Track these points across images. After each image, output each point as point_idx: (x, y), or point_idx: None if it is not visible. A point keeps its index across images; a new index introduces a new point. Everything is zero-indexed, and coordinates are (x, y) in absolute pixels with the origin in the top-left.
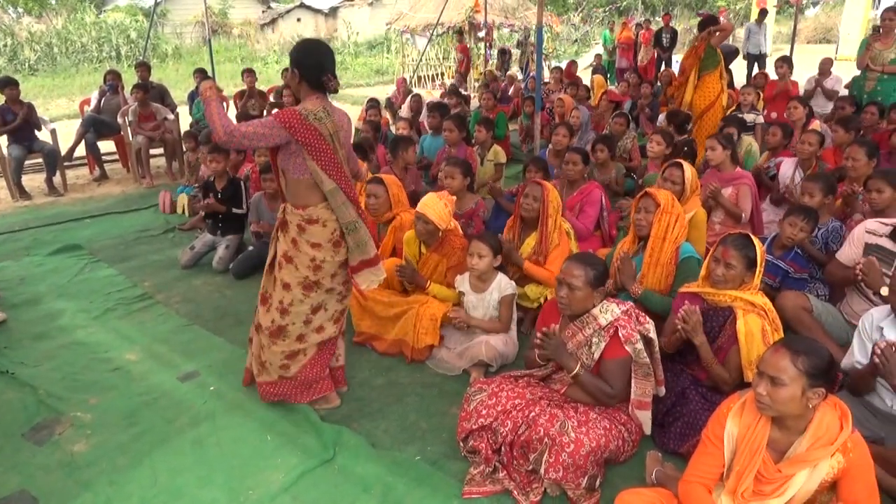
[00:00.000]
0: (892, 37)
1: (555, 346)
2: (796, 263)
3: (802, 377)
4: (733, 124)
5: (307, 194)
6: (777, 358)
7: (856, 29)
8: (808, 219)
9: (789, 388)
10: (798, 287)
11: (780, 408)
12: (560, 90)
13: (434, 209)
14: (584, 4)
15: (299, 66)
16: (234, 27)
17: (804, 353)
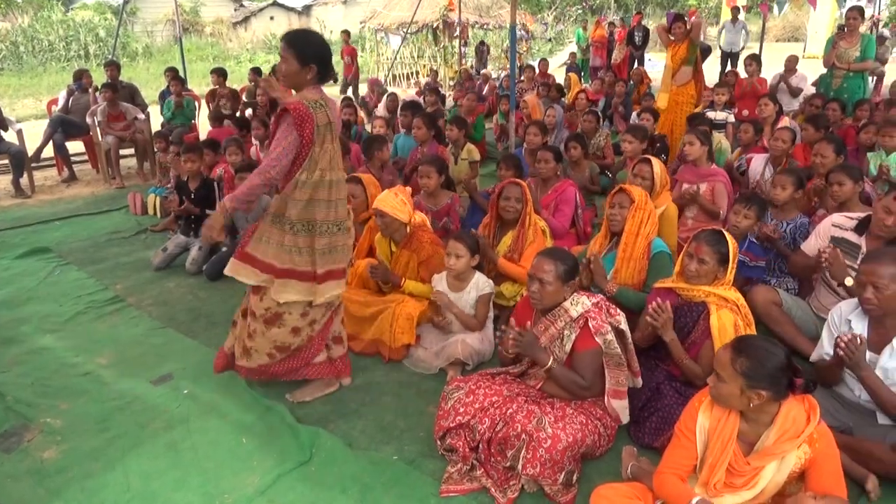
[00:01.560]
0: (857, 36)
1: (528, 343)
2: (751, 252)
3: (739, 378)
4: (700, 121)
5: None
6: (722, 355)
7: (823, 27)
8: (753, 207)
9: (728, 385)
10: (755, 275)
11: (723, 401)
12: (532, 88)
13: (388, 203)
14: (557, 3)
15: (319, 60)
16: (205, 25)
17: (744, 356)
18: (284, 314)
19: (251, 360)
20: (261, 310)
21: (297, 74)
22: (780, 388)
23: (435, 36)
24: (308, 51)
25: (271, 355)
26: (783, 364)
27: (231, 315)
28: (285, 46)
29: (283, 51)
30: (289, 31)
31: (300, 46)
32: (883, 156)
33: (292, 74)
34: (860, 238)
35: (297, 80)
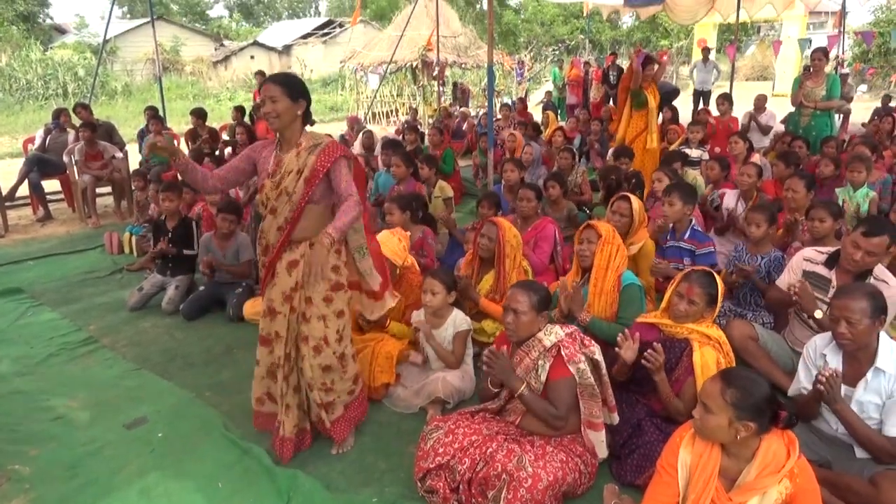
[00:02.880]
0: (822, 75)
1: (501, 367)
2: (695, 239)
3: (729, 408)
4: (676, 158)
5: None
6: (711, 386)
7: (790, 67)
8: (674, 194)
9: (717, 416)
10: (709, 262)
11: (709, 434)
12: (509, 126)
13: (389, 247)
14: (533, 43)
15: (307, 96)
16: (185, 64)
17: (734, 387)
18: (345, 350)
19: (336, 411)
20: (328, 360)
21: (288, 111)
22: (765, 420)
23: (414, 75)
24: (297, 87)
25: (351, 392)
26: (769, 396)
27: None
28: (272, 86)
29: (270, 90)
30: (273, 74)
31: (288, 83)
32: (850, 191)
33: (284, 111)
34: (830, 272)
35: (288, 118)
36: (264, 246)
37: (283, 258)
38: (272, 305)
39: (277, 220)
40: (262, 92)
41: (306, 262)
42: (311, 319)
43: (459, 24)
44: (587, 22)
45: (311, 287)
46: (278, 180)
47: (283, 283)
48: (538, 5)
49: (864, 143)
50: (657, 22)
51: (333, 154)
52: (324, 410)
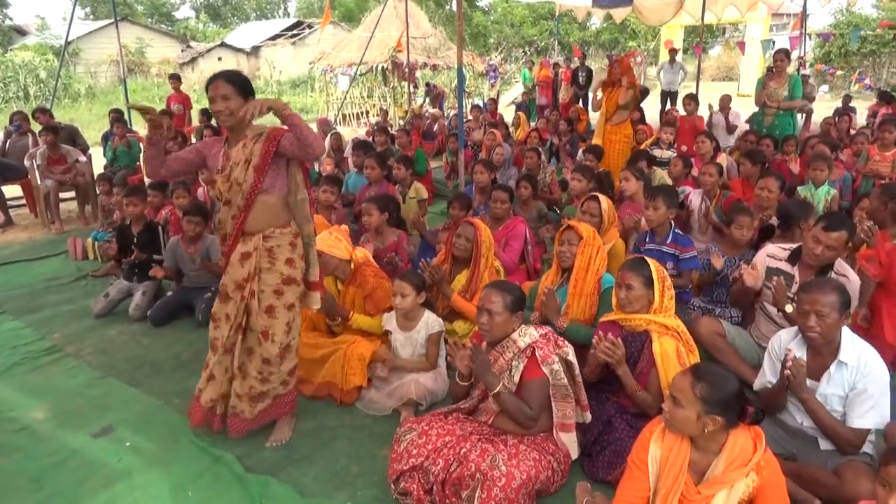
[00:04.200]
0: (784, 76)
1: (481, 361)
2: (677, 244)
3: (698, 403)
4: (643, 158)
5: (286, 211)
6: (681, 380)
7: (754, 68)
8: (658, 198)
9: (686, 410)
10: (692, 266)
11: (679, 427)
12: (480, 127)
13: (324, 242)
14: (504, 44)
15: (254, 95)
16: (151, 66)
17: (704, 381)
18: (291, 342)
19: (265, 402)
20: (274, 351)
21: (240, 109)
22: (733, 415)
23: (384, 76)
24: (246, 84)
25: (286, 383)
26: (737, 392)
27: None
28: (224, 84)
29: (222, 89)
30: (218, 72)
31: (239, 81)
32: (812, 189)
33: (237, 110)
34: (793, 268)
35: (240, 116)
36: (222, 236)
37: (236, 248)
38: (225, 290)
39: (231, 210)
40: (211, 90)
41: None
42: (260, 313)
43: (429, 26)
44: (556, 23)
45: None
46: (228, 173)
47: (235, 273)
48: (507, 6)
49: (824, 143)
50: (625, 24)
51: (277, 135)
52: (248, 401)
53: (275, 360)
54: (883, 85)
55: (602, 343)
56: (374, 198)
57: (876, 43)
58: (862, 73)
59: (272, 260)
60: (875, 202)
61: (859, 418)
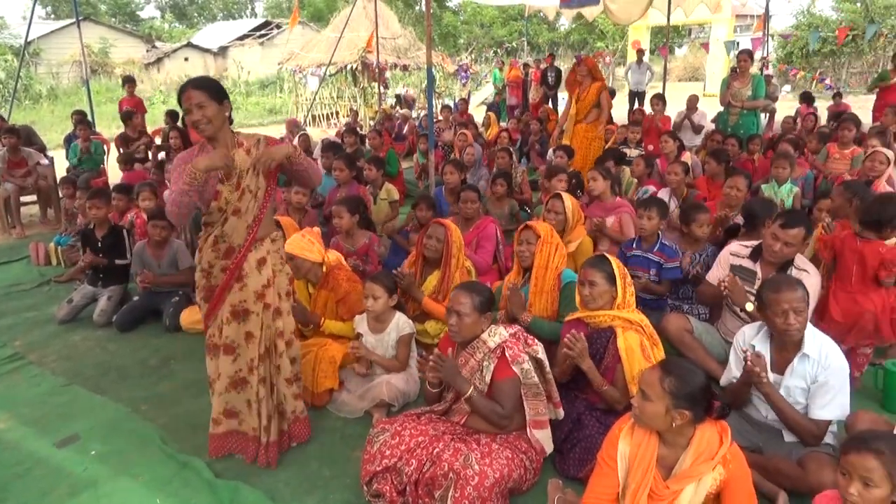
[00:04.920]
0: (748, 76)
1: (448, 369)
2: (664, 253)
3: (666, 397)
4: (610, 157)
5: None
6: (649, 374)
7: (719, 68)
8: (653, 208)
9: (654, 404)
10: (674, 276)
11: (648, 421)
12: (450, 128)
13: (296, 245)
14: (473, 45)
15: (228, 99)
16: (115, 66)
17: (672, 376)
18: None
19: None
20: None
21: (217, 114)
22: (700, 409)
23: (354, 77)
24: (219, 89)
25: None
26: (705, 386)
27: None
28: (197, 92)
29: (196, 97)
30: (188, 81)
31: (211, 87)
32: (775, 187)
33: (214, 116)
34: (755, 264)
35: (218, 122)
36: (226, 249)
37: (249, 258)
38: (244, 307)
39: (245, 220)
40: (185, 100)
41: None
42: (283, 314)
43: (399, 26)
44: (525, 24)
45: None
46: (236, 181)
47: (254, 282)
48: (477, 7)
49: (789, 141)
50: (593, 24)
51: (277, 142)
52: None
53: (297, 359)
54: (842, 85)
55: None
56: (344, 199)
57: (835, 43)
58: (822, 73)
59: (283, 262)
60: (838, 199)
61: (820, 409)
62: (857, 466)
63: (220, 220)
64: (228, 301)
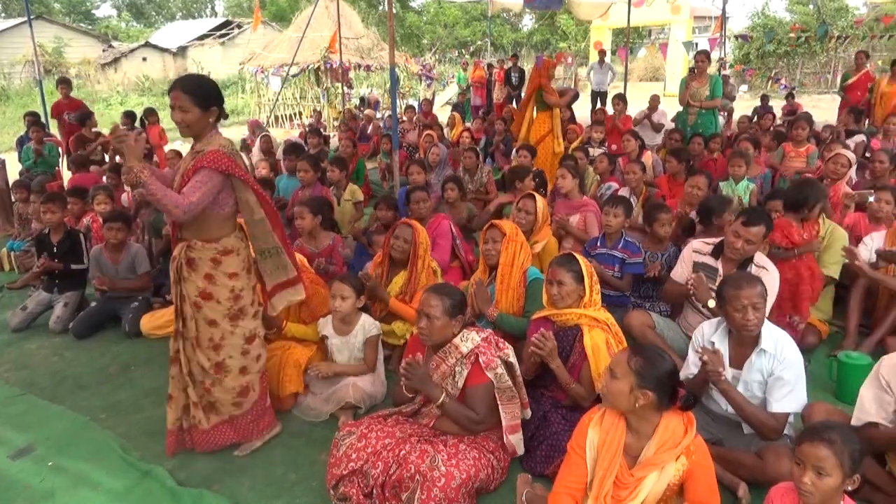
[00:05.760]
0: (705, 76)
1: (419, 376)
2: (628, 250)
3: (632, 375)
4: (575, 158)
5: (220, 227)
6: (620, 355)
7: (678, 69)
8: (619, 206)
9: (620, 381)
10: (636, 271)
11: (612, 400)
12: (413, 129)
13: None
14: (437, 45)
15: (220, 101)
16: (70, 67)
17: (640, 356)
18: (225, 360)
19: (220, 414)
20: (204, 362)
21: (199, 121)
22: (664, 394)
23: (317, 77)
24: (208, 93)
25: (237, 404)
26: (672, 371)
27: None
28: (181, 94)
29: (180, 99)
30: (180, 78)
31: (199, 91)
32: (733, 185)
33: (195, 122)
34: (717, 261)
35: (199, 127)
36: None
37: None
38: None
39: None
40: (171, 98)
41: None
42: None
43: (362, 26)
44: (489, 24)
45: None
46: (178, 179)
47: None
48: (440, 7)
49: (748, 140)
50: (556, 25)
51: (201, 162)
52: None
53: (209, 371)
54: (796, 84)
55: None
56: (306, 200)
57: (789, 44)
58: (777, 73)
59: (190, 270)
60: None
61: (778, 403)
62: (809, 456)
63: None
64: None
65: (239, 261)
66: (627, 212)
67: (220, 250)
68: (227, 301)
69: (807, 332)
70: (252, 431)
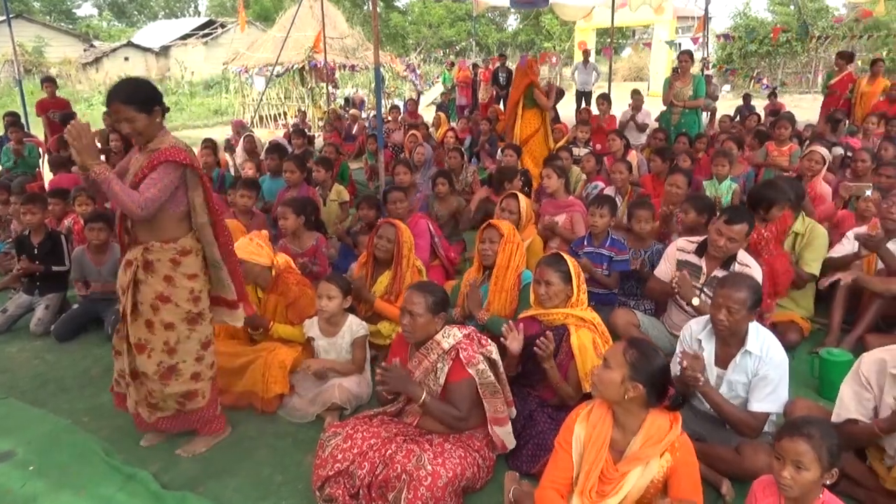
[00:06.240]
0: (689, 76)
1: (397, 378)
2: (615, 248)
3: (625, 366)
4: (560, 158)
5: (176, 227)
6: (616, 345)
7: (662, 68)
8: (605, 206)
9: (612, 372)
10: (623, 268)
11: (603, 390)
12: (399, 128)
13: (244, 249)
14: (422, 45)
15: (160, 100)
16: (51, 66)
17: (635, 349)
18: (178, 364)
19: (164, 412)
20: (152, 367)
21: (148, 126)
22: (654, 389)
23: (302, 77)
24: (146, 96)
25: (181, 404)
26: (664, 369)
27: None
28: (122, 107)
29: (123, 112)
30: (114, 90)
31: (137, 97)
32: (716, 183)
33: (145, 128)
34: (701, 260)
35: (150, 132)
36: None
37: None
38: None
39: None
40: (113, 112)
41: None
42: (139, 322)
43: (346, 26)
44: (473, 24)
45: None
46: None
47: (121, 278)
48: (424, 7)
49: (732, 139)
50: (540, 25)
51: (159, 158)
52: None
53: (153, 377)
54: (777, 84)
55: (512, 332)
56: (288, 201)
57: (771, 44)
58: (759, 73)
59: (148, 273)
60: None
61: (759, 402)
62: (789, 451)
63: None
64: None
65: (198, 262)
66: (612, 211)
67: (178, 250)
68: (185, 303)
69: (789, 330)
70: (205, 423)
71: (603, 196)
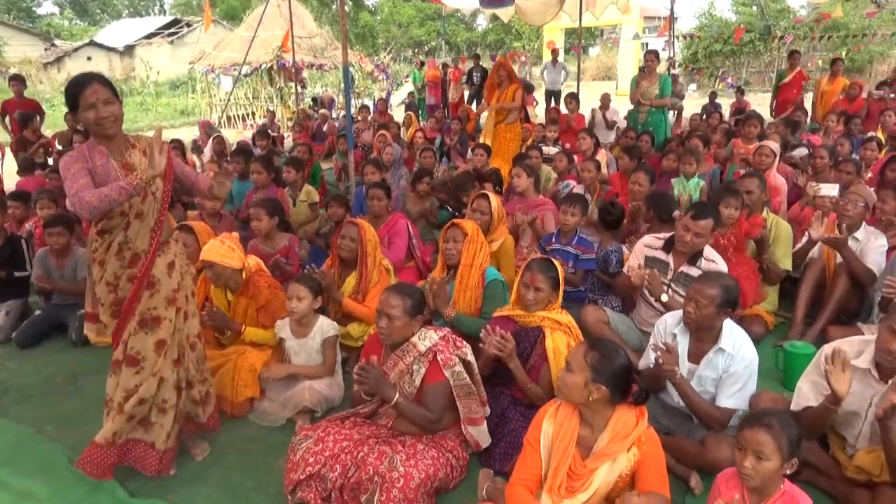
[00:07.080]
0: (655, 76)
1: (374, 379)
2: (582, 246)
3: (587, 369)
4: (531, 156)
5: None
6: (577, 348)
7: (630, 68)
8: (576, 205)
9: (575, 375)
10: (588, 266)
11: (567, 392)
12: (368, 128)
13: (215, 252)
14: (392, 44)
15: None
16: (10, 66)
17: (596, 351)
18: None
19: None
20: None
21: (120, 111)
22: (618, 389)
23: (270, 77)
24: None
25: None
26: (626, 367)
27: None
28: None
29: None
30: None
31: (110, 83)
32: (684, 181)
33: (120, 113)
34: (668, 255)
35: (121, 121)
36: (131, 256)
37: (158, 263)
38: (155, 314)
39: (148, 223)
40: (90, 95)
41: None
42: (190, 316)
43: (315, 25)
44: (443, 24)
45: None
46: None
47: (165, 288)
48: (394, 6)
49: (699, 138)
50: (510, 25)
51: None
52: (201, 406)
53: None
54: (742, 83)
55: (490, 337)
56: (261, 201)
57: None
58: (724, 72)
59: (188, 263)
60: None
61: (727, 399)
62: (750, 441)
63: (121, 226)
64: (139, 309)
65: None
66: (584, 210)
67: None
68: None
69: (754, 323)
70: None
71: (575, 195)
